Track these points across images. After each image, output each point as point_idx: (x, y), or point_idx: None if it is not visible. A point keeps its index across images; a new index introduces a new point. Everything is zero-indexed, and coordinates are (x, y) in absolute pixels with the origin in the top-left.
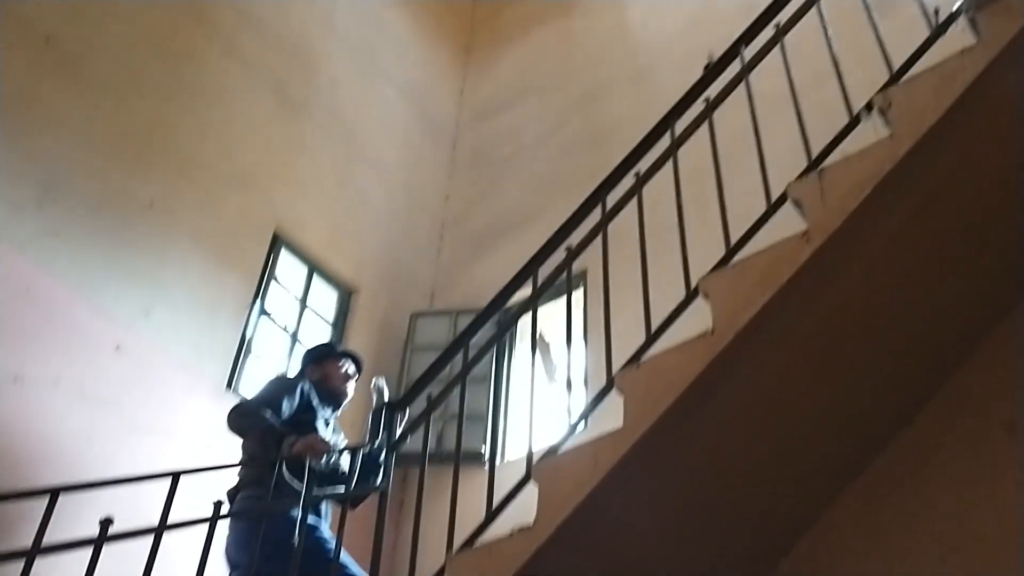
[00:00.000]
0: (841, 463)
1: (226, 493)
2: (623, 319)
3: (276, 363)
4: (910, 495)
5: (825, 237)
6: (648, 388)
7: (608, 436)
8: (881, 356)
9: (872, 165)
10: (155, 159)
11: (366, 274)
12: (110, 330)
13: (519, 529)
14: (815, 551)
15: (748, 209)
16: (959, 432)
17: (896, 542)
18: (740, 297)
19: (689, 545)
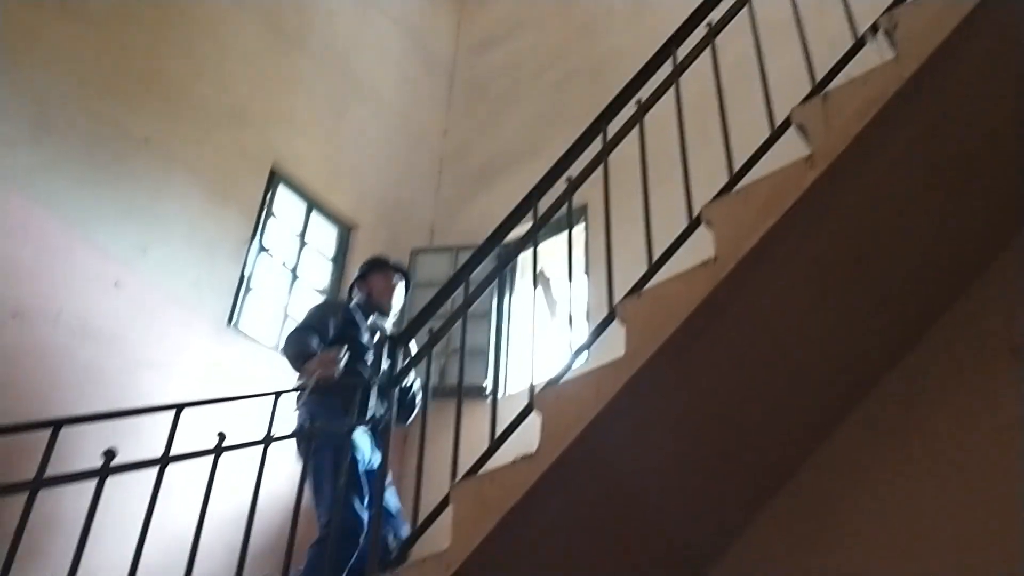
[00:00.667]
0: (844, 388)
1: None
2: (625, 252)
3: (277, 300)
4: (913, 420)
5: (829, 162)
6: (650, 317)
7: (610, 365)
8: (884, 281)
9: (877, 88)
10: (149, 94)
11: (365, 210)
12: (109, 266)
13: (522, 457)
14: (819, 476)
15: (751, 136)
16: (962, 356)
17: (898, 466)
18: (743, 224)
19: (692, 472)
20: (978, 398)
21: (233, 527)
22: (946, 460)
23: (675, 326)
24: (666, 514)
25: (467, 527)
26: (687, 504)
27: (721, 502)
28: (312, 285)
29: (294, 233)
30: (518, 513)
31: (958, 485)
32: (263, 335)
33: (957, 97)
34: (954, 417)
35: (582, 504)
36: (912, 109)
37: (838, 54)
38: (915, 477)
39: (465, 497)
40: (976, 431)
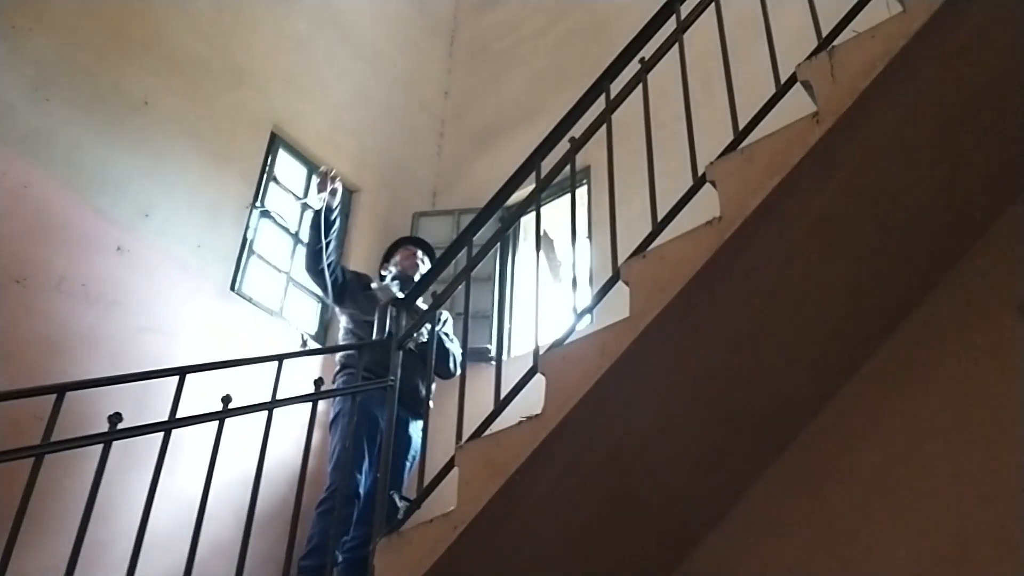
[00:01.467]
0: (850, 346)
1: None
2: (628, 213)
3: (279, 264)
4: (918, 376)
5: (836, 118)
6: (654, 277)
7: (615, 326)
8: (891, 237)
9: (884, 42)
10: (146, 56)
11: (366, 173)
12: (110, 231)
13: (527, 418)
14: (825, 433)
15: (756, 94)
16: (969, 313)
17: (905, 422)
18: (748, 182)
19: (696, 432)
20: (983, 355)
21: (240, 490)
22: (951, 415)
23: (680, 286)
24: (669, 474)
25: (473, 488)
26: (690, 464)
27: (724, 462)
28: None
29: (296, 197)
30: (524, 474)
31: (963, 439)
32: (267, 299)
33: (964, 49)
34: (959, 374)
35: (586, 464)
36: (920, 62)
37: (845, 8)
38: (922, 432)
39: (471, 459)
40: (981, 388)
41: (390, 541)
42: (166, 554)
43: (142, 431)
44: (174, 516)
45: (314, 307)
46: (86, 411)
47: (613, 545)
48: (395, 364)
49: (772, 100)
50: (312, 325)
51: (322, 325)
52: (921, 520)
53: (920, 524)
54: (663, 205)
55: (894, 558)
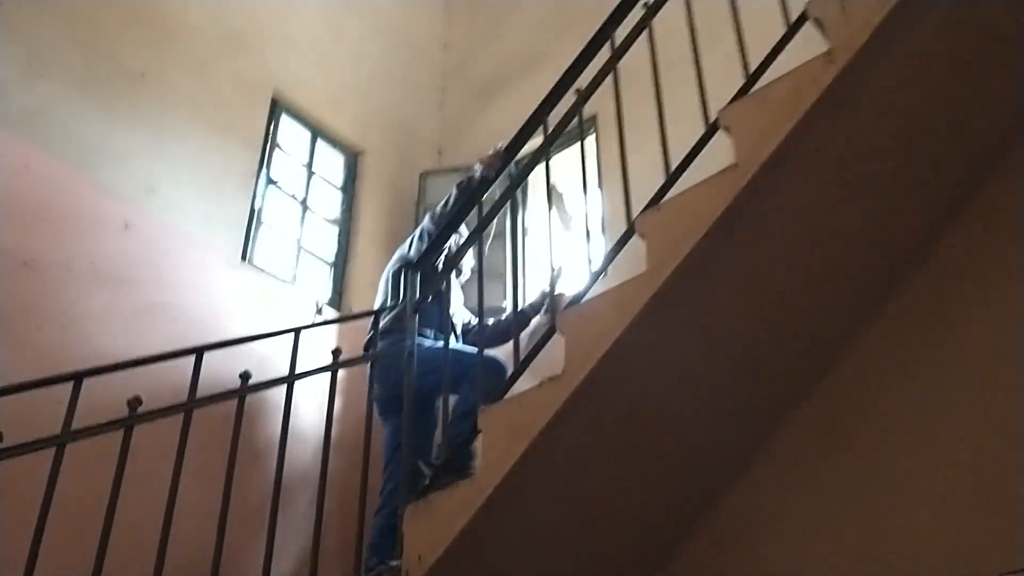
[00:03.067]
0: (869, 289)
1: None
2: (639, 161)
3: (289, 232)
4: (943, 316)
5: (850, 56)
6: (670, 229)
7: (631, 282)
8: (909, 171)
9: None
10: (141, 26)
11: (371, 134)
12: (116, 208)
13: (548, 379)
14: (847, 380)
15: (766, 33)
16: (987, 251)
17: (929, 366)
18: (763, 127)
19: (714, 386)
20: (1003, 290)
21: (265, 460)
22: (977, 357)
23: (697, 238)
24: (689, 428)
25: (498, 451)
26: (710, 418)
27: (745, 414)
28: (323, 215)
29: (301, 163)
30: (546, 435)
31: (990, 384)
32: (279, 269)
33: None
34: (984, 317)
35: (607, 422)
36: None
37: None
38: (945, 376)
39: (494, 422)
40: (1003, 323)
41: (416, 508)
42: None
43: (162, 414)
44: (199, 491)
45: (327, 273)
46: (104, 395)
47: (635, 502)
48: (412, 328)
49: (783, 40)
50: (326, 292)
51: (336, 291)
52: (947, 465)
53: (945, 470)
54: (675, 151)
55: (919, 506)
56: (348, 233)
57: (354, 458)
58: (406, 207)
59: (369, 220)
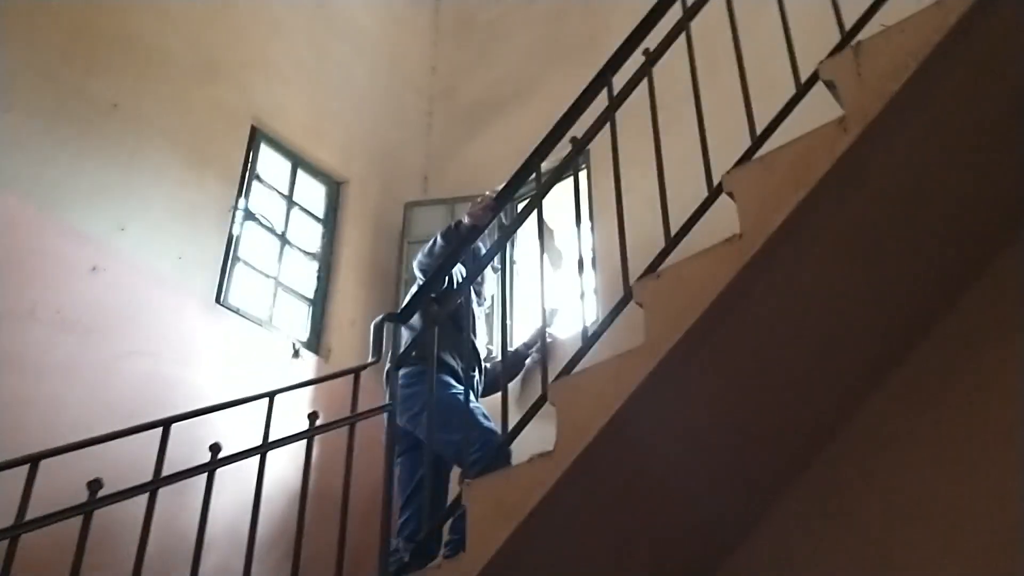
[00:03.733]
0: (874, 359)
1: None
2: (634, 200)
3: (267, 268)
4: (941, 390)
5: (864, 125)
6: (670, 300)
7: (629, 355)
8: (919, 245)
9: (917, 37)
10: (113, 55)
11: (354, 163)
12: (84, 250)
13: (538, 455)
14: (848, 453)
15: (775, 90)
16: (1005, 321)
17: (930, 438)
18: (769, 196)
19: (715, 458)
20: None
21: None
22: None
23: (699, 312)
24: (687, 502)
25: (484, 531)
26: (709, 490)
27: (745, 486)
28: (303, 249)
29: (281, 194)
30: (537, 515)
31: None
32: (255, 308)
33: (1002, 41)
34: (1001, 383)
35: (601, 498)
36: (954, 60)
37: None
38: (946, 449)
39: (480, 497)
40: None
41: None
42: None
43: (125, 496)
44: (169, 550)
45: (305, 311)
46: (63, 474)
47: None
48: (394, 386)
49: (792, 101)
50: (303, 332)
51: (315, 332)
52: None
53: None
54: (671, 198)
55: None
56: (328, 267)
57: (327, 510)
58: (390, 239)
59: (351, 253)
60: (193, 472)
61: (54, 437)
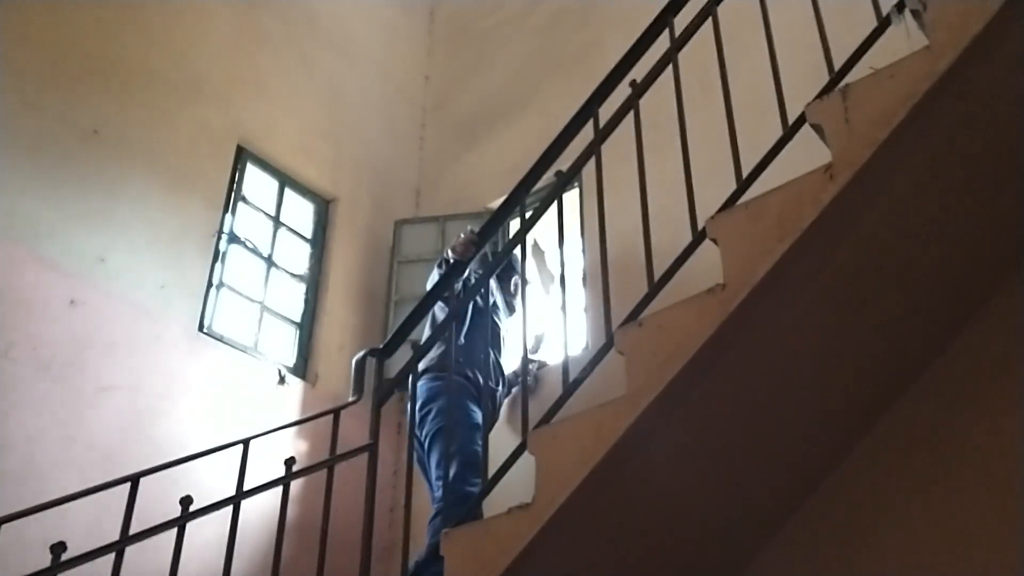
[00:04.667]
0: (863, 405)
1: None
2: (622, 223)
3: (253, 293)
4: (939, 431)
5: (851, 173)
6: (652, 351)
7: (610, 405)
8: (909, 292)
9: (906, 84)
10: (94, 79)
11: (343, 180)
12: (62, 283)
13: (517, 507)
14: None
15: (762, 121)
16: (992, 370)
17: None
18: (754, 244)
19: (700, 504)
20: (1013, 410)
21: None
22: (979, 474)
23: (682, 363)
24: (672, 554)
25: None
26: (695, 539)
27: (730, 534)
28: (290, 271)
29: (267, 216)
30: (515, 570)
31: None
32: (239, 334)
33: (996, 86)
34: (986, 430)
35: (582, 551)
36: (943, 107)
37: (859, 33)
38: (944, 494)
39: (458, 548)
40: (1012, 445)
41: None
42: None
43: (91, 557)
44: None
45: (292, 335)
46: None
47: None
48: (374, 424)
49: (779, 143)
50: (290, 357)
51: (302, 356)
52: None
53: None
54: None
55: None
56: (316, 289)
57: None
58: (380, 258)
59: (340, 273)
60: (163, 528)
61: (30, 478)
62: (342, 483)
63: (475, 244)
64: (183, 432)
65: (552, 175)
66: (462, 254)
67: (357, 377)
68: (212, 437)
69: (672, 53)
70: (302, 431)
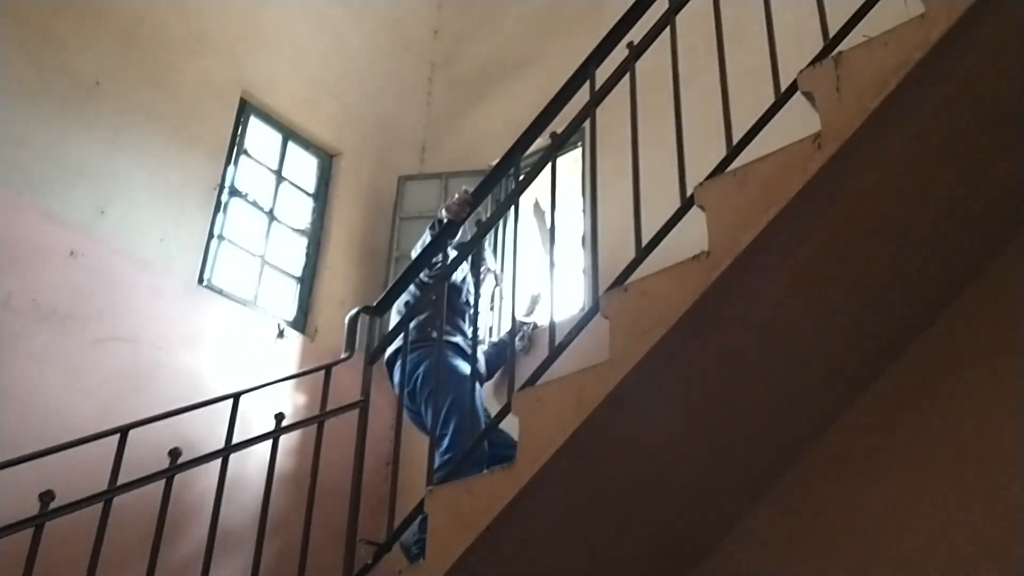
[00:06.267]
0: (848, 376)
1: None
2: (625, 187)
3: (254, 247)
4: (921, 407)
5: (840, 143)
6: (636, 316)
7: (592, 370)
8: (895, 261)
9: (899, 52)
10: (97, 29)
11: (348, 134)
12: (62, 235)
13: (500, 467)
14: (820, 466)
15: (754, 91)
16: (978, 346)
17: (904, 456)
18: (740, 212)
19: (681, 470)
20: (996, 388)
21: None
22: (960, 454)
23: (664, 330)
24: (654, 512)
25: (444, 540)
26: (677, 500)
27: (714, 495)
28: (291, 225)
29: (270, 170)
30: (497, 527)
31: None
32: (239, 288)
33: (987, 59)
34: (971, 408)
35: (563, 512)
36: (935, 77)
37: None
38: (921, 468)
39: (440, 506)
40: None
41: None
42: None
43: (78, 507)
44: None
45: (293, 289)
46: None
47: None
48: (366, 381)
49: (771, 109)
50: (290, 311)
51: (302, 310)
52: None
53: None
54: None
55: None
56: (318, 244)
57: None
58: (383, 214)
59: (342, 229)
60: (150, 479)
61: (29, 428)
62: (340, 436)
63: (470, 204)
64: (181, 385)
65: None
66: (456, 214)
67: (350, 334)
68: (211, 389)
69: (670, 15)
70: (301, 384)
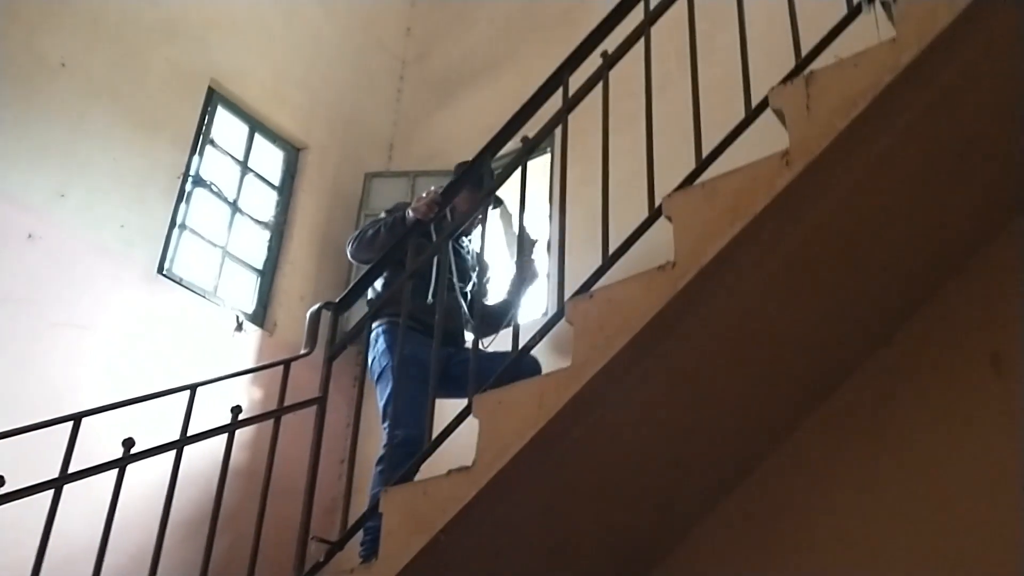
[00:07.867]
0: (809, 387)
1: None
2: (593, 193)
3: (216, 238)
4: (882, 423)
5: (807, 161)
6: (600, 324)
7: (554, 376)
8: (858, 281)
9: (869, 74)
10: (63, 9)
11: (316, 128)
12: (20, 217)
13: (456, 470)
14: (777, 479)
15: (728, 104)
16: (936, 362)
17: (862, 471)
18: (707, 225)
19: (640, 478)
20: (953, 403)
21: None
22: (916, 467)
23: (627, 339)
24: (606, 524)
25: (398, 540)
26: (633, 508)
27: (671, 503)
28: (255, 217)
29: (235, 160)
30: (451, 531)
31: (928, 492)
32: (199, 279)
33: (952, 87)
34: (927, 422)
35: (522, 515)
36: (903, 101)
37: (829, 17)
38: (880, 483)
39: (396, 507)
40: (949, 438)
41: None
42: None
43: (28, 492)
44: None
45: (253, 282)
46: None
47: None
48: (324, 378)
49: (740, 125)
50: (249, 304)
51: (261, 304)
52: None
53: None
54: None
55: None
56: (281, 237)
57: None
58: (347, 210)
59: (305, 223)
60: (104, 468)
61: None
62: (297, 433)
63: (438, 204)
64: (137, 373)
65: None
66: (424, 214)
67: (311, 330)
68: (166, 380)
69: (645, 26)
70: (258, 379)
